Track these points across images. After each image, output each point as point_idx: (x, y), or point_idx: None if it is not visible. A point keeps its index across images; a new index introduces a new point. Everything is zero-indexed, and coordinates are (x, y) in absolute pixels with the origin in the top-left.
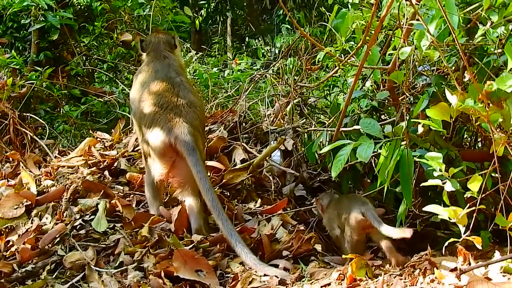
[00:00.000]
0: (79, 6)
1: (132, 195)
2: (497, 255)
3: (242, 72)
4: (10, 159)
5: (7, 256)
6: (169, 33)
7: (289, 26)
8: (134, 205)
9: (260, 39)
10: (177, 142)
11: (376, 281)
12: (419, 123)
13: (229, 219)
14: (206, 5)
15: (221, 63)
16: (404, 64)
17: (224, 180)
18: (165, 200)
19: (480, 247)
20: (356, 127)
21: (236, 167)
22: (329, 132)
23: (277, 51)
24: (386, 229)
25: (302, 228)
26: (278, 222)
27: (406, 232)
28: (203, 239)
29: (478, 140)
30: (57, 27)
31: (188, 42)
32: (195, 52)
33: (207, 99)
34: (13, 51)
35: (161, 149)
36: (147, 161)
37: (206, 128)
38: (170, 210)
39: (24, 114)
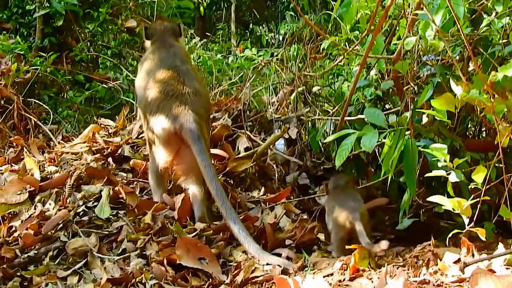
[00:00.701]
0: None
1: (135, 182)
2: (500, 247)
3: (247, 59)
4: (14, 144)
5: (9, 241)
6: (173, 21)
7: (293, 13)
8: (137, 192)
9: (264, 25)
10: (182, 130)
11: (379, 272)
12: (424, 113)
13: (232, 207)
14: None
15: (225, 50)
16: (408, 54)
17: (227, 168)
18: (169, 188)
19: (483, 239)
20: (360, 116)
21: (240, 155)
22: (333, 121)
23: (281, 38)
24: (367, 244)
25: (305, 217)
26: (282, 211)
27: (382, 245)
28: (206, 227)
29: (482, 130)
30: (62, 13)
31: (192, 28)
32: (199, 38)
33: (211, 86)
34: (17, 36)
35: (166, 136)
36: (151, 148)
37: (210, 116)
38: (173, 198)
39: (28, 99)
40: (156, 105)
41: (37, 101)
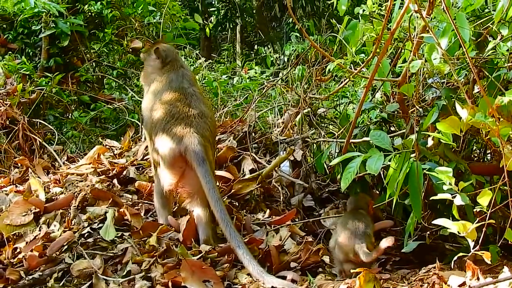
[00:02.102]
0: (89, 13)
1: (140, 204)
2: (505, 270)
3: (252, 80)
4: (19, 164)
5: (14, 263)
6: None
7: (298, 34)
8: (142, 214)
9: (269, 46)
10: (187, 152)
11: None
12: (429, 135)
13: (237, 230)
14: (216, 12)
15: (230, 71)
16: (414, 77)
17: (233, 190)
18: (174, 210)
19: (489, 262)
20: (365, 138)
21: (245, 177)
22: (339, 143)
23: (286, 59)
24: (365, 254)
25: (310, 239)
26: (287, 233)
27: (388, 241)
28: (211, 249)
29: (488, 152)
30: (68, 33)
31: (198, 49)
32: (204, 59)
33: (216, 107)
34: (23, 57)
35: (171, 158)
36: (156, 170)
37: (216, 138)
38: (178, 220)
39: (34, 119)
40: (161, 126)
41: (42, 122)
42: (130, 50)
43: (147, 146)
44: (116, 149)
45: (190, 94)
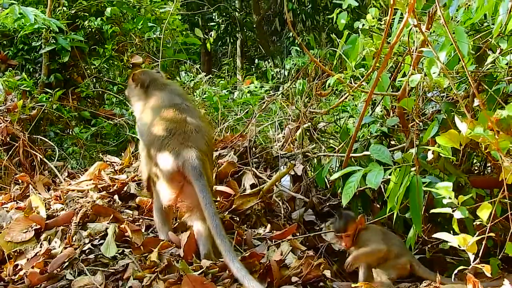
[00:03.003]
0: (90, 29)
1: (141, 220)
2: (506, 283)
3: (252, 94)
4: (20, 181)
5: (15, 280)
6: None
7: (298, 48)
8: (143, 230)
9: (269, 60)
10: (185, 167)
11: None
12: (429, 149)
13: (231, 245)
14: (216, 27)
15: (231, 85)
16: (414, 91)
17: (234, 206)
18: (175, 226)
19: (489, 275)
20: (366, 153)
21: (246, 192)
22: (339, 157)
23: (286, 73)
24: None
25: (311, 254)
26: (288, 248)
27: None
28: (212, 264)
29: (488, 166)
30: (68, 49)
31: (198, 64)
32: (204, 73)
33: (216, 121)
34: (23, 73)
35: (169, 173)
36: (155, 186)
37: (216, 153)
38: (179, 236)
39: (34, 136)
40: (159, 142)
41: (42, 138)
42: (131, 65)
43: (140, 165)
44: (117, 165)
45: (184, 109)
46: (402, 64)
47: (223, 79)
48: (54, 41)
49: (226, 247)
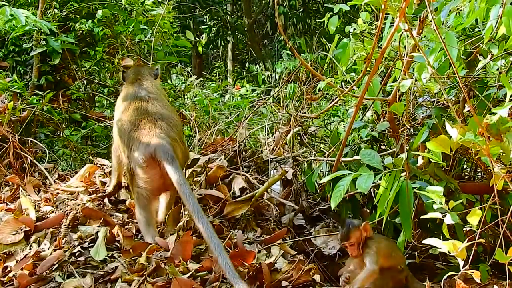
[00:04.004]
0: (81, 31)
1: (131, 223)
2: None
3: (243, 98)
4: (10, 182)
5: (4, 282)
6: (151, 66)
7: (289, 52)
8: (134, 231)
9: (260, 64)
10: (156, 153)
11: None
12: (419, 155)
13: (210, 223)
14: (208, 30)
15: (222, 89)
16: (404, 96)
17: (224, 212)
18: (160, 231)
19: (478, 281)
20: (356, 157)
21: (238, 199)
22: (329, 161)
23: (277, 77)
24: None
25: (301, 258)
26: (278, 251)
27: None
28: (199, 267)
29: (478, 171)
30: (59, 51)
31: (189, 67)
32: (195, 76)
33: (207, 125)
34: (14, 75)
35: (143, 162)
36: (133, 182)
37: (206, 157)
38: (166, 239)
39: (24, 138)
40: (127, 136)
41: (33, 140)
42: (122, 68)
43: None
44: (107, 168)
45: (146, 100)
46: (393, 69)
47: (214, 82)
48: (45, 43)
49: (204, 224)
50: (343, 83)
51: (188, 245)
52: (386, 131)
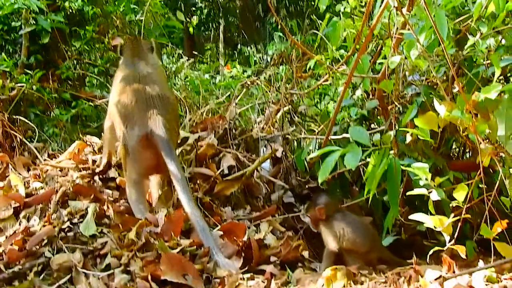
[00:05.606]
0: (70, 10)
1: (121, 200)
2: (481, 264)
3: (234, 79)
4: None
5: None
6: (148, 40)
7: (281, 34)
8: (121, 209)
9: (252, 46)
10: (152, 134)
11: None
12: (407, 131)
13: (198, 208)
14: (199, 12)
15: (213, 70)
16: (394, 74)
17: (215, 191)
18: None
19: (464, 256)
20: (345, 135)
21: (229, 177)
22: (319, 139)
23: (269, 59)
24: None
25: (290, 235)
26: (267, 228)
27: None
28: (190, 242)
29: (466, 151)
30: (48, 30)
31: (180, 48)
32: (187, 58)
33: (198, 105)
34: (3, 53)
35: (139, 142)
36: (126, 159)
37: (196, 136)
38: (156, 215)
39: (14, 116)
40: (123, 113)
41: (22, 119)
42: (112, 47)
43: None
44: (97, 145)
45: (144, 76)
46: (383, 47)
47: (205, 64)
48: (35, 22)
49: (192, 209)
50: (333, 62)
51: (179, 221)
52: (375, 109)
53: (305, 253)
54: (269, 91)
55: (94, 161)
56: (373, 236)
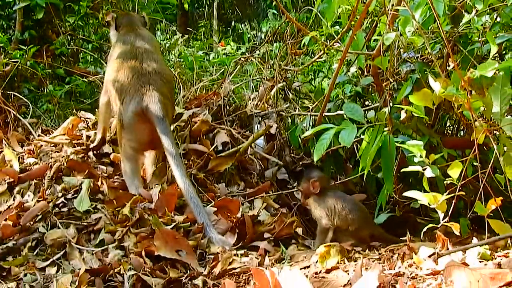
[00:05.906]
0: None
1: (115, 176)
2: (475, 241)
3: (228, 56)
4: None
5: None
6: (139, 15)
7: (275, 11)
8: (117, 185)
9: (246, 23)
10: (148, 109)
11: (355, 264)
12: (402, 108)
13: (192, 184)
14: None
15: (207, 47)
16: (388, 51)
17: (209, 167)
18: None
19: (458, 234)
20: (339, 112)
21: (223, 154)
22: (313, 116)
23: (263, 36)
24: None
25: (284, 211)
26: (261, 204)
27: None
28: (184, 219)
29: (461, 128)
30: (42, 6)
31: (174, 25)
32: (181, 35)
33: (192, 82)
34: None
35: (134, 117)
36: (121, 134)
37: (190, 112)
38: (150, 191)
39: (8, 92)
40: (119, 87)
41: (16, 94)
42: (106, 23)
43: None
44: (90, 121)
45: (142, 51)
46: (378, 23)
47: (199, 41)
48: None
49: (186, 185)
50: (328, 39)
51: (172, 197)
52: (370, 86)
53: (299, 230)
54: (263, 68)
55: (88, 137)
56: (364, 213)
